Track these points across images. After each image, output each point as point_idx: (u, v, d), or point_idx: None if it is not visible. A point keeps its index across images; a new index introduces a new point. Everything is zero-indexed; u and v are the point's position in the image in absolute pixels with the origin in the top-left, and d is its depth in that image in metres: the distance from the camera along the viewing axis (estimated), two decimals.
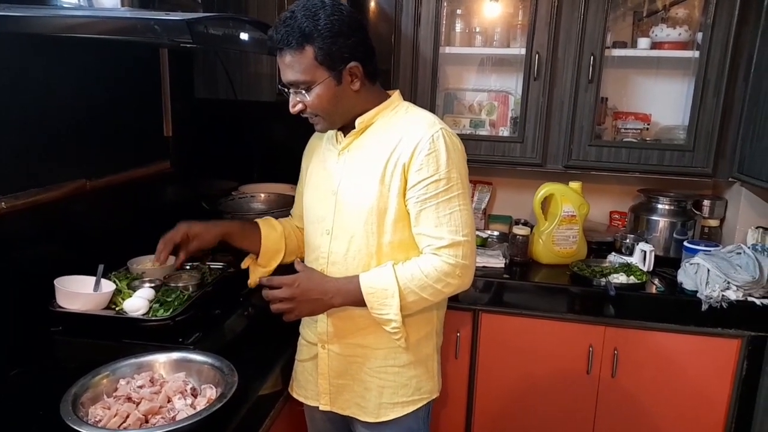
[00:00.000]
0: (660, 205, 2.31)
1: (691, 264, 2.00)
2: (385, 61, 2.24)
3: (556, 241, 2.21)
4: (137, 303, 1.41)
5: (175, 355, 1.29)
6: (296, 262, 1.37)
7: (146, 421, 1.11)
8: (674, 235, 2.26)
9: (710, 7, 2.03)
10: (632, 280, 2.04)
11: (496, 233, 2.50)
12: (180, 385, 1.20)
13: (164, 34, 1.13)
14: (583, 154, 2.22)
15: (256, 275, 1.51)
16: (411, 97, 2.25)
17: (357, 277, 1.28)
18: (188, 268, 1.67)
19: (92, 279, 1.47)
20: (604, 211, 2.57)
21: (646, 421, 2.05)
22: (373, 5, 2.33)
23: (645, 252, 2.13)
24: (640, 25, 2.29)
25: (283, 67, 1.24)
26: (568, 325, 2.04)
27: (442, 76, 2.39)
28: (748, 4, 1.99)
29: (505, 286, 2.07)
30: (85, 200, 1.59)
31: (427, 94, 2.27)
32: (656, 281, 2.08)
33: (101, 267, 1.48)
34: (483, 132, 2.39)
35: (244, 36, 1.37)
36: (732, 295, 1.89)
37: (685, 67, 2.22)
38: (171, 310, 1.42)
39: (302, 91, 1.24)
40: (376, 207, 1.28)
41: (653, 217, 2.30)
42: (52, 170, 1.48)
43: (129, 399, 1.16)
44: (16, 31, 1.23)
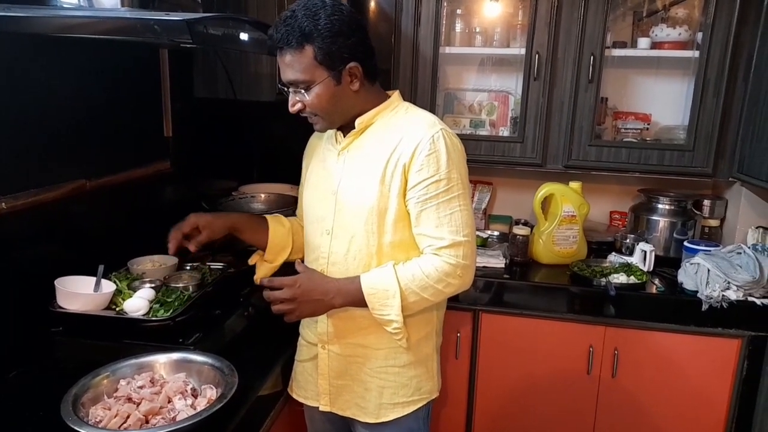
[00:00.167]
0: (660, 205, 2.30)
1: (692, 264, 2.00)
2: (385, 61, 2.24)
3: (557, 241, 2.21)
4: (137, 303, 1.41)
5: (176, 356, 1.29)
6: (297, 263, 1.37)
7: (146, 422, 1.11)
8: (674, 235, 2.26)
9: (710, 7, 2.03)
10: (632, 280, 2.04)
11: (497, 233, 2.50)
12: (180, 386, 1.21)
13: (164, 34, 1.13)
14: (583, 154, 2.22)
15: (262, 271, 1.51)
16: (411, 97, 2.25)
17: (358, 278, 1.28)
18: (188, 268, 1.67)
19: (92, 279, 1.47)
20: (604, 211, 2.57)
21: (646, 421, 2.05)
22: (373, 5, 2.33)
23: (645, 252, 2.13)
24: (640, 25, 2.29)
25: (282, 66, 1.24)
26: (568, 325, 2.03)
27: (442, 76, 2.39)
28: (748, 4, 1.99)
29: (506, 286, 2.07)
30: (85, 200, 1.59)
31: (427, 94, 2.27)
32: (656, 281, 2.08)
33: (101, 267, 1.48)
34: (483, 132, 2.39)
35: (244, 36, 1.37)
36: (732, 295, 1.89)
37: (685, 67, 2.22)
38: (171, 311, 1.41)
39: (301, 91, 1.25)
40: (377, 207, 1.28)
41: (653, 217, 2.30)
42: (52, 170, 1.48)
43: (129, 399, 1.16)
44: (16, 31, 1.23)
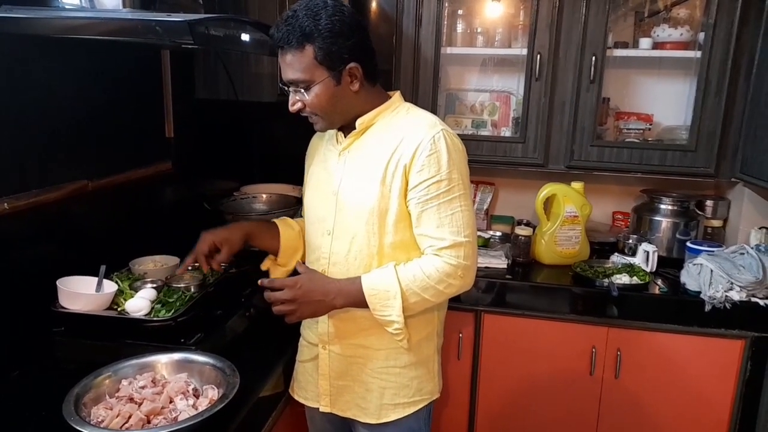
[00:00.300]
0: (663, 206, 2.30)
1: (694, 264, 1.99)
2: (386, 62, 2.24)
3: (559, 241, 2.21)
4: (139, 303, 1.41)
5: (177, 356, 1.29)
6: (297, 264, 1.37)
7: (148, 422, 1.11)
8: (677, 236, 2.25)
9: (712, 8, 2.02)
10: (635, 280, 2.04)
11: (499, 234, 2.49)
12: (182, 386, 1.21)
13: (165, 35, 1.13)
14: (585, 155, 2.22)
15: (277, 275, 1.51)
16: (412, 98, 2.25)
17: (359, 279, 1.28)
18: (190, 269, 1.67)
19: (94, 279, 1.47)
20: (607, 212, 2.56)
21: (649, 422, 2.04)
22: (374, 6, 2.33)
23: (648, 252, 2.13)
24: (641, 25, 2.29)
25: (283, 66, 1.25)
26: (570, 325, 2.03)
27: (443, 76, 2.38)
28: (750, 4, 1.99)
29: (508, 286, 2.07)
30: (86, 201, 1.59)
31: (428, 95, 2.27)
32: (659, 282, 2.07)
33: (103, 267, 1.48)
34: (485, 132, 2.38)
35: (245, 37, 1.38)
36: (735, 295, 1.89)
37: (687, 68, 2.21)
38: (173, 311, 1.42)
39: (301, 90, 1.25)
40: (377, 207, 1.28)
41: (656, 218, 2.29)
42: (53, 171, 1.49)
43: (131, 399, 1.16)
44: (17, 33, 1.24)
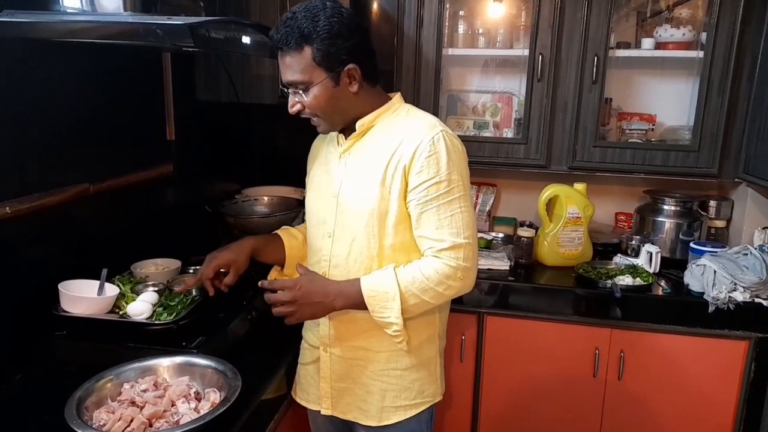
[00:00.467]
0: (666, 206, 2.29)
1: (698, 265, 1.99)
2: (387, 63, 2.24)
3: (561, 242, 2.20)
4: (141, 307, 1.41)
5: (179, 359, 1.29)
6: (298, 266, 1.37)
7: (150, 425, 1.11)
8: (680, 237, 2.24)
9: (714, 7, 2.02)
10: (638, 281, 2.03)
11: (501, 235, 2.49)
12: (184, 389, 1.20)
13: (166, 38, 1.13)
14: (588, 155, 2.21)
15: None
16: (414, 99, 2.24)
17: (358, 280, 1.28)
18: (191, 271, 1.67)
19: (96, 283, 1.47)
20: (610, 213, 2.56)
21: (653, 424, 2.03)
22: (375, 7, 2.33)
23: (651, 253, 2.12)
24: (643, 25, 2.28)
25: (282, 67, 1.25)
26: (573, 327, 2.02)
27: (445, 77, 2.38)
28: (752, 4, 1.98)
29: (510, 288, 2.06)
30: (88, 204, 1.59)
31: (430, 96, 2.27)
32: (662, 283, 2.07)
33: (105, 271, 1.48)
34: (487, 133, 2.38)
35: (246, 39, 1.37)
36: (739, 296, 1.88)
37: (690, 68, 2.21)
38: (174, 314, 1.42)
39: (300, 92, 1.25)
40: (377, 209, 1.28)
41: (659, 219, 2.28)
42: (55, 174, 1.49)
43: (133, 403, 1.16)
44: (19, 37, 1.24)
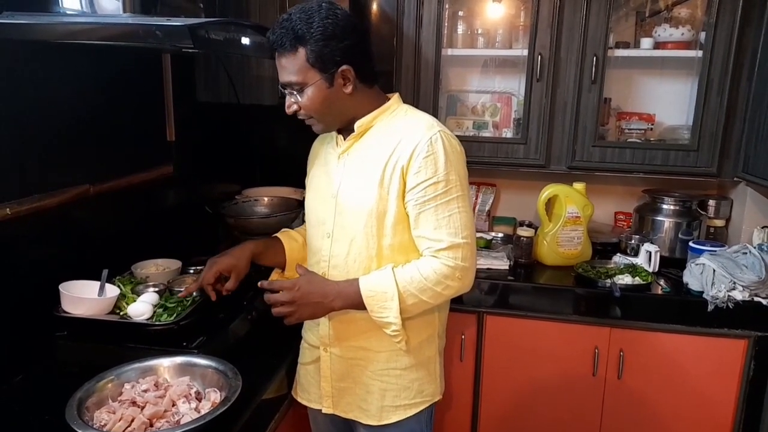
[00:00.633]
0: (665, 206, 2.29)
1: (697, 264, 1.99)
2: (387, 64, 2.24)
3: (561, 242, 2.21)
4: (141, 308, 1.42)
5: (180, 359, 1.29)
6: (297, 266, 1.38)
7: (151, 425, 1.12)
8: (679, 236, 2.25)
9: (713, 7, 2.02)
10: (637, 281, 2.03)
11: (501, 235, 2.49)
12: (184, 389, 1.21)
13: (166, 39, 1.14)
14: (587, 155, 2.21)
15: None
16: (414, 100, 2.25)
17: (357, 281, 1.28)
18: (192, 272, 1.68)
19: (97, 284, 1.48)
20: (609, 212, 2.56)
21: (652, 423, 2.04)
22: (375, 8, 2.34)
23: (650, 253, 2.12)
24: (642, 25, 2.28)
25: (279, 68, 1.26)
26: (573, 326, 2.03)
27: (444, 78, 2.38)
28: (751, 4, 1.98)
29: (510, 287, 2.07)
30: (88, 205, 1.60)
31: (429, 96, 2.27)
32: (662, 282, 2.07)
33: (105, 272, 1.49)
34: (486, 134, 2.38)
35: (246, 40, 1.38)
36: (738, 295, 1.88)
37: (689, 67, 2.21)
38: (175, 315, 1.42)
39: (295, 92, 1.26)
40: (376, 209, 1.28)
41: (658, 218, 2.28)
42: (55, 176, 1.49)
43: (134, 403, 1.17)
44: (19, 38, 1.24)
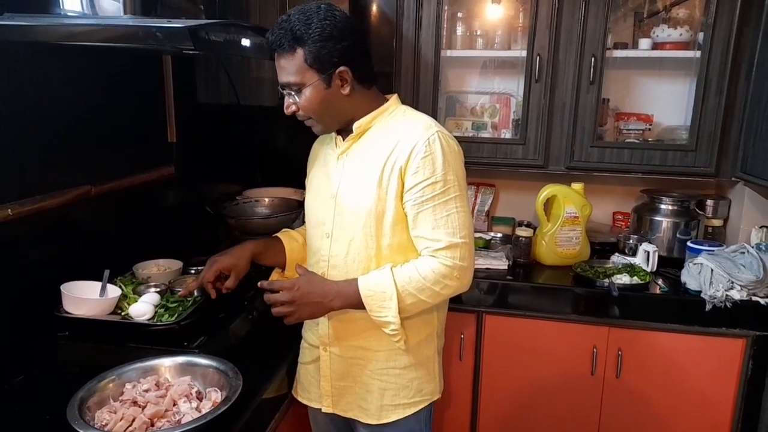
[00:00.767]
0: (663, 206, 2.30)
1: (695, 264, 2.00)
2: (386, 65, 2.24)
3: (559, 242, 2.21)
4: (142, 308, 1.42)
5: (181, 359, 1.30)
6: (297, 266, 1.38)
7: (152, 425, 1.12)
8: (677, 235, 2.25)
9: (711, 7, 2.03)
10: (636, 280, 2.04)
11: (499, 235, 2.50)
12: (185, 389, 1.21)
13: (166, 40, 1.14)
14: (586, 156, 2.22)
15: None
16: (413, 101, 2.25)
17: (356, 280, 1.29)
18: (193, 272, 1.68)
19: (98, 284, 1.48)
20: (607, 212, 2.57)
21: (651, 422, 2.04)
22: (374, 9, 2.34)
23: (648, 252, 2.13)
24: (641, 25, 2.29)
25: (278, 69, 1.27)
26: (571, 326, 2.03)
27: (443, 79, 2.39)
28: (749, 4, 1.99)
29: (509, 287, 2.07)
30: (89, 206, 1.60)
31: (428, 98, 2.28)
32: (660, 281, 2.08)
33: (107, 272, 1.49)
34: (485, 134, 2.39)
35: (246, 42, 1.38)
36: (736, 294, 1.89)
37: (687, 68, 2.21)
38: (176, 315, 1.43)
39: (293, 93, 1.27)
40: (374, 210, 1.29)
41: (656, 218, 2.29)
42: (56, 176, 1.50)
43: (135, 403, 1.17)
44: (20, 40, 1.25)
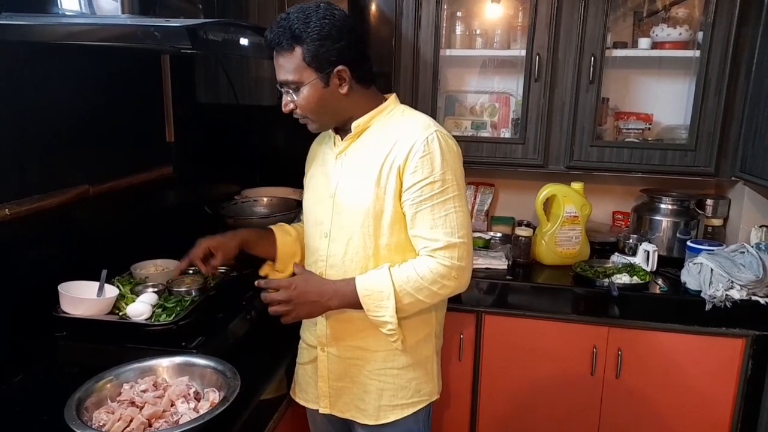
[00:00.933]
0: (663, 205, 2.30)
1: (695, 263, 1.99)
2: (386, 64, 2.24)
3: (559, 242, 2.21)
4: (140, 308, 1.42)
5: (178, 359, 1.30)
6: (294, 266, 1.39)
7: (150, 425, 1.12)
8: (677, 235, 2.25)
9: (710, 7, 2.03)
10: (635, 280, 2.04)
11: (499, 235, 2.50)
12: (183, 389, 1.21)
13: (164, 40, 1.14)
14: (585, 155, 2.22)
15: None
16: (412, 100, 2.25)
17: (353, 280, 1.28)
18: (191, 272, 1.68)
19: (96, 284, 1.48)
20: (607, 212, 2.56)
21: (650, 422, 2.04)
22: (374, 8, 2.34)
23: (648, 252, 2.13)
24: (640, 25, 2.29)
25: (276, 67, 1.27)
26: (571, 326, 2.03)
27: (443, 78, 2.39)
28: (749, 3, 1.99)
29: (508, 287, 2.07)
30: (88, 206, 1.60)
31: (428, 97, 2.27)
32: (660, 281, 2.07)
33: (104, 272, 1.49)
34: (485, 134, 2.38)
35: (244, 41, 1.38)
36: (736, 294, 1.89)
37: (686, 67, 2.21)
38: (174, 315, 1.42)
39: (291, 91, 1.27)
40: (373, 209, 1.28)
41: (656, 217, 2.29)
42: (54, 176, 1.49)
43: (132, 403, 1.17)
44: (18, 40, 1.25)
